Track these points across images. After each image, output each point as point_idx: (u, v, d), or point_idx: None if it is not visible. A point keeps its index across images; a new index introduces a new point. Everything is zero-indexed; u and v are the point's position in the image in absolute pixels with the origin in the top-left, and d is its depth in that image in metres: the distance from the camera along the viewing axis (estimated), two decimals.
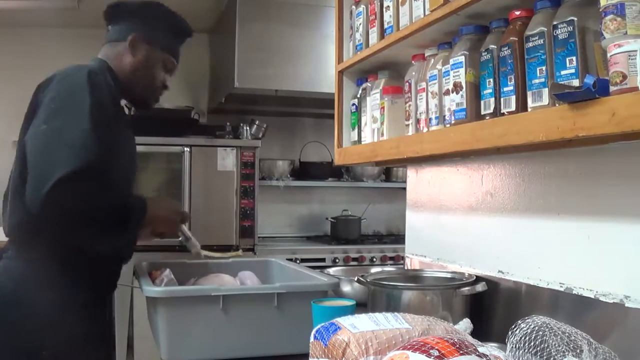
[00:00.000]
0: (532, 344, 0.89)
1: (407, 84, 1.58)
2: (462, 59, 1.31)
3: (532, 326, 0.90)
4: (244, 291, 1.54)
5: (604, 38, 0.93)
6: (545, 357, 0.88)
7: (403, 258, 2.09)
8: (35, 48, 4.39)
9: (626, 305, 1.15)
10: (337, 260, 3.86)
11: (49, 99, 1.57)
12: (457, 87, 1.32)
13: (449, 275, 1.66)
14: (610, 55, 0.91)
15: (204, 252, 1.98)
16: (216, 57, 4.40)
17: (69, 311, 1.60)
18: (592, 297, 1.23)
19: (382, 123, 1.71)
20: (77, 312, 1.62)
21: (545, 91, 1.09)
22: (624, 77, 0.89)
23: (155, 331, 1.57)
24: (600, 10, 0.93)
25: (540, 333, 0.89)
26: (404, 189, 2.10)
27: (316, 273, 1.78)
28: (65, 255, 1.60)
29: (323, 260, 3.81)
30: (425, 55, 1.53)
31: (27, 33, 4.38)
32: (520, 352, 0.89)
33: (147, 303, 1.66)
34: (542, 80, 1.09)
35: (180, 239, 1.94)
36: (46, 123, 1.53)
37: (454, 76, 1.33)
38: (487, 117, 1.24)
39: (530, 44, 1.11)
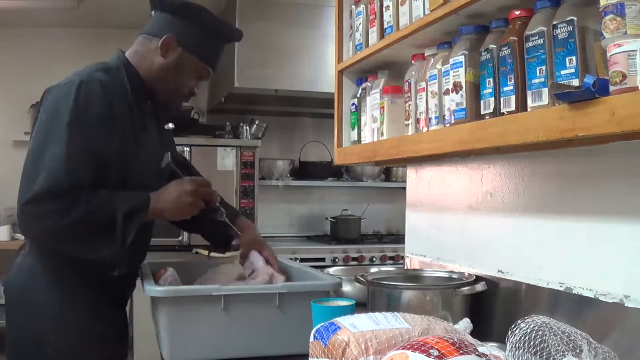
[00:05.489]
0: (532, 344, 0.89)
1: (407, 84, 1.58)
2: (462, 59, 1.31)
3: (532, 326, 0.90)
4: (245, 291, 1.54)
5: (604, 38, 0.93)
6: (545, 357, 0.88)
7: (403, 258, 2.09)
8: (35, 48, 4.39)
9: (626, 305, 1.15)
10: (337, 260, 3.86)
11: (40, 112, 1.58)
12: (457, 87, 1.32)
13: (449, 275, 1.66)
14: (610, 55, 0.91)
15: (211, 254, 1.93)
16: None
17: (75, 310, 1.61)
18: (592, 297, 1.23)
19: (382, 123, 1.71)
20: (84, 311, 1.63)
21: (545, 91, 1.09)
22: (624, 77, 0.89)
23: (158, 331, 1.57)
24: (600, 10, 0.93)
25: (540, 333, 0.89)
26: (404, 189, 2.10)
27: (320, 273, 1.78)
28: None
29: (323, 260, 3.81)
30: (425, 55, 1.53)
31: (27, 33, 4.38)
32: (520, 352, 0.89)
33: (151, 303, 1.66)
34: (542, 80, 1.09)
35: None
36: (31, 141, 1.56)
37: (454, 76, 1.33)
38: (487, 117, 1.24)
39: (530, 44, 1.11)
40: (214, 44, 1.77)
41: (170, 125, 2.25)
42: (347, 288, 1.84)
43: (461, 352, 0.92)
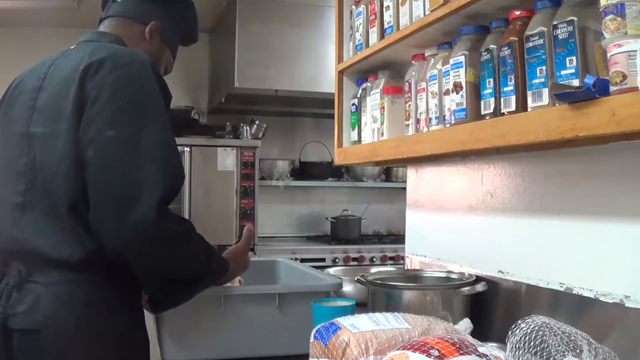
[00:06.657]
0: (532, 344, 0.89)
1: (407, 84, 1.58)
2: (462, 59, 1.31)
3: (532, 326, 0.90)
4: (245, 292, 1.54)
5: (604, 38, 0.93)
6: (545, 357, 0.88)
7: (403, 258, 2.09)
8: (35, 48, 4.37)
9: (626, 305, 1.15)
10: (337, 260, 3.86)
11: (109, 94, 1.28)
12: (457, 87, 1.32)
13: (449, 275, 1.66)
14: (610, 55, 0.91)
15: None
16: (216, 57, 4.40)
17: (133, 328, 1.39)
18: (592, 297, 1.23)
19: (382, 123, 1.71)
20: (142, 329, 1.42)
21: (545, 91, 1.09)
22: (624, 77, 0.89)
23: (158, 331, 1.57)
24: (600, 10, 0.93)
25: (540, 333, 0.89)
26: (404, 189, 2.10)
27: (322, 274, 1.78)
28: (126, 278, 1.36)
29: (323, 260, 3.81)
30: (425, 55, 1.53)
31: (27, 33, 4.38)
32: (520, 352, 0.89)
33: None
34: (542, 80, 1.09)
35: None
36: (113, 128, 1.26)
37: (454, 76, 1.33)
38: (487, 117, 1.24)
39: (530, 44, 1.11)
40: (183, 41, 1.67)
41: None
42: (347, 288, 1.84)
43: (461, 352, 0.92)
